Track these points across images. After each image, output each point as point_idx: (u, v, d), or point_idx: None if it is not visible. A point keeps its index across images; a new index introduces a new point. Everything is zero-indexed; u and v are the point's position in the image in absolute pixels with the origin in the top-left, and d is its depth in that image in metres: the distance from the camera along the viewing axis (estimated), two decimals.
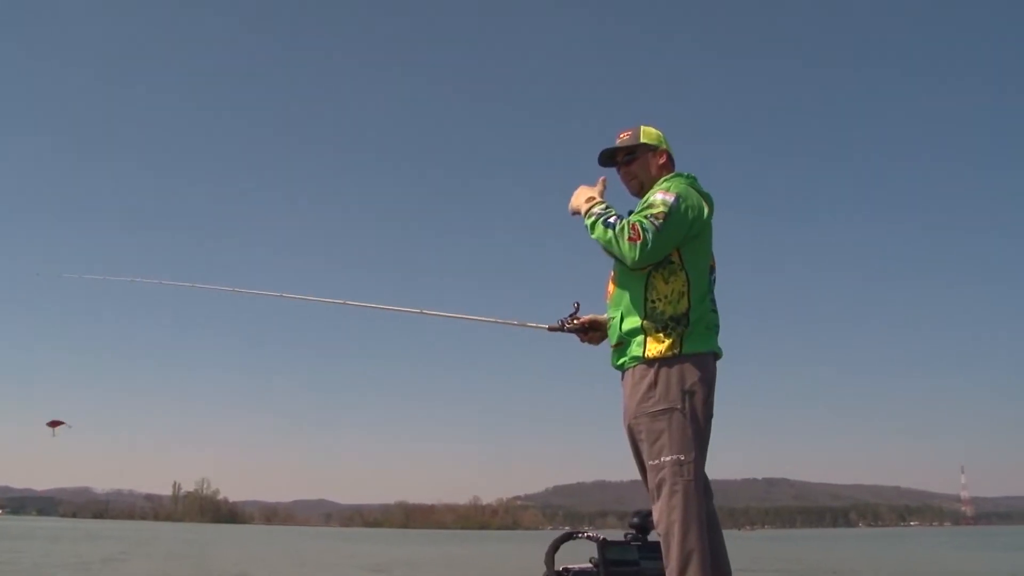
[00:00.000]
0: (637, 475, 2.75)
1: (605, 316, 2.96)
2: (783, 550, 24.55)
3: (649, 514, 2.79)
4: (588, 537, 3.06)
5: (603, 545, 2.92)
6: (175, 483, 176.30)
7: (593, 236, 2.74)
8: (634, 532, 2.97)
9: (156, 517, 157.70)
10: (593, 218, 2.74)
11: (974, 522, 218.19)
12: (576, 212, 2.85)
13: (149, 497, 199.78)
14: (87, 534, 30.29)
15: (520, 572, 11.58)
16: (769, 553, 20.78)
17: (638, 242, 2.60)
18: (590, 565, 2.93)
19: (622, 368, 2.81)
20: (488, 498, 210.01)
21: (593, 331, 3.06)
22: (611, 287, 2.92)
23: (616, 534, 3.03)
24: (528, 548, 25.54)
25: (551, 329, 3.14)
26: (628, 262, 2.65)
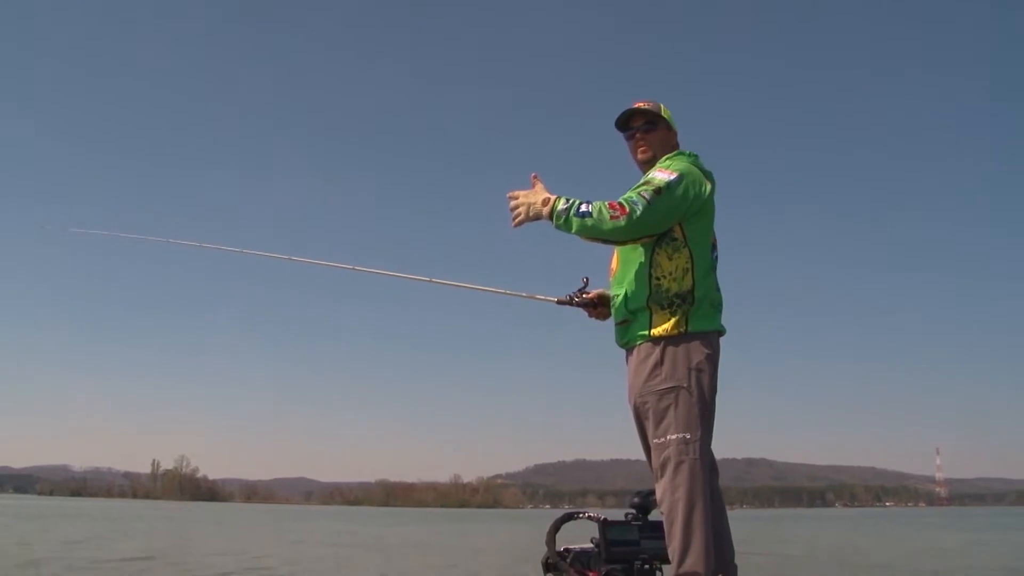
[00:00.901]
0: (617, 454, 2.74)
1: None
2: (767, 530, 24.84)
3: (651, 493, 2.75)
4: (589, 517, 3.03)
5: (604, 525, 2.88)
6: (154, 461, 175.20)
7: (573, 231, 2.62)
8: (635, 512, 2.94)
9: (135, 495, 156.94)
10: (563, 216, 2.62)
11: (948, 503, 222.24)
12: (535, 218, 2.70)
13: (127, 475, 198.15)
14: (63, 512, 30.09)
15: (519, 551, 11.62)
16: (755, 533, 21.01)
17: (624, 215, 2.55)
18: (591, 545, 2.90)
19: (627, 346, 2.78)
20: (469, 476, 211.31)
21: (602, 306, 3.01)
22: (615, 264, 2.88)
23: (617, 514, 2.99)
24: (516, 528, 25.66)
25: (559, 302, 3.10)
26: (618, 238, 2.61)
